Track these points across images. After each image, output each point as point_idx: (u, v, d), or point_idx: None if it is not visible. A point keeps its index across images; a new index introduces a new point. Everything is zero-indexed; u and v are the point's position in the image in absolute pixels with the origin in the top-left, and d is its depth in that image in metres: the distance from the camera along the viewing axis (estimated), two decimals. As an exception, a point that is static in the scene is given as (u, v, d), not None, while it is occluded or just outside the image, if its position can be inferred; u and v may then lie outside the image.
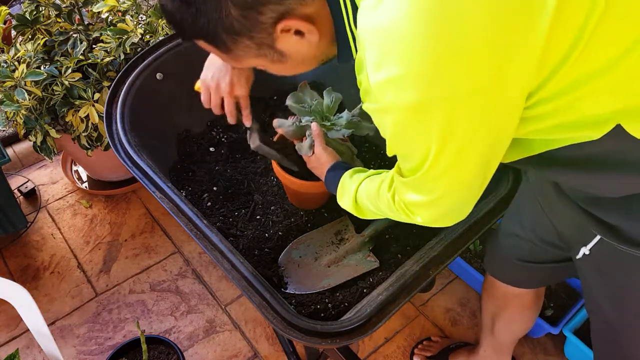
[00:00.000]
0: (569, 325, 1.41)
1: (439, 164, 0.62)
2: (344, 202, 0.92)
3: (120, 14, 1.55)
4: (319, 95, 1.09)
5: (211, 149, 1.32)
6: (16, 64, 1.44)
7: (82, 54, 1.46)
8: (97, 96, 1.45)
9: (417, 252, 0.97)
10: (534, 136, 0.65)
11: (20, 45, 1.48)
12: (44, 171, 2.03)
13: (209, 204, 1.20)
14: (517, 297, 1.14)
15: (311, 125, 1.04)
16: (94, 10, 1.53)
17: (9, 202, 1.65)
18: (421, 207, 0.73)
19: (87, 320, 1.59)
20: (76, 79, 1.43)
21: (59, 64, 1.46)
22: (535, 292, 1.14)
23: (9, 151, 2.04)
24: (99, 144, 1.55)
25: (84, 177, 1.99)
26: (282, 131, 1.09)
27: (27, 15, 1.49)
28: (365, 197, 0.85)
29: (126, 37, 1.47)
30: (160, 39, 1.35)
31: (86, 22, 1.58)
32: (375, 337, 1.55)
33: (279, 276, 1.09)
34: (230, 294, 1.66)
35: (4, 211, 1.65)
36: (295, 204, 1.21)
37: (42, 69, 1.42)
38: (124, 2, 1.52)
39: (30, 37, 1.51)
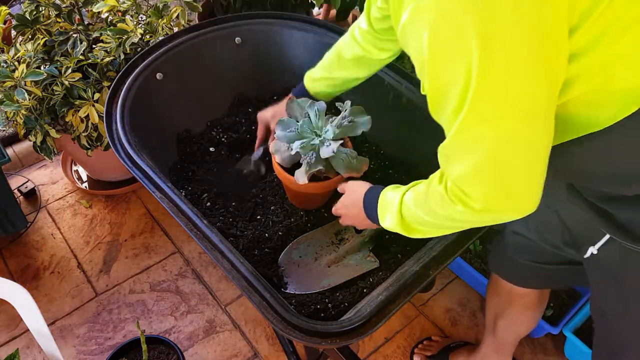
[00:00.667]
0: (569, 325, 1.41)
1: (483, 88, 0.56)
2: (387, 220, 0.83)
3: (120, 14, 1.55)
4: (312, 100, 1.09)
5: (211, 149, 1.32)
6: (16, 64, 1.44)
7: (82, 54, 1.46)
8: (97, 96, 1.45)
9: (417, 252, 0.97)
10: (570, 109, 0.63)
11: (20, 45, 1.48)
12: (44, 171, 2.03)
13: (209, 204, 1.20)
14: (521, 296, 1.13)
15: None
16: (94, 10, 1.53)
17: (9, 202, 1.65)
18: (474, 177, 0.64)
19: (87, 320, 1.59)
20: (76, 79, 1.43)
21: (59, 64, 1.46)
22: (539, 292, 1.14)
23: (9, 151, 2.04)
24: (99, 144, 1.55)
25: (84, 177, 1.99)
26: (278, 159, 1.09)
27: (27, 15, 1.49)
28: (413, 204, 0.78)
29: (126, 37, 1.47)
30: (160, 39, 1.35)
31: (86, 22, 1.58)
32: (375, 337, 1.55)
33: (279, 276, 1.09)
34: (230, 294, 1.66)
35: (4, 211, 1.65)
36: (295, 204, 1.21)
37: (42, 69, 1.42)
38: (124, 2, 1.52)
39: (30, 37, 1.51)
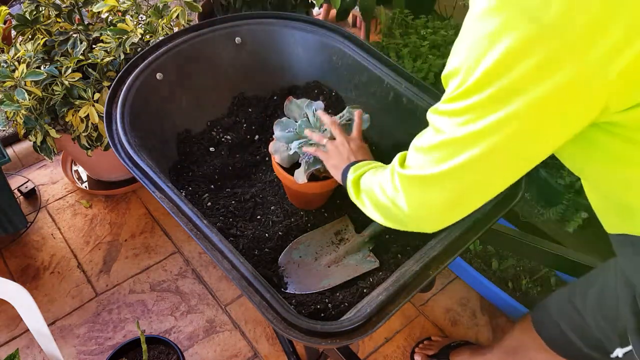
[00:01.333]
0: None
1: (483, 90, 0.54)
2: (349, 176, 0.87)
3: (120, 14, 1.55)
4: (310, 100, 1.09)
5: (211, 149, 1.32)
6: (16, 64, 1.44)
7: (82, 54, 1.46)
8: (97, 96, 1.45)
9: (417, 252, 0.97)
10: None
11: (20, 45, 1.48)
12: (44, 171, 2.03)
13: (209, 204, 1.20)
14: (547, 351, 1.06)
15: (306, 132, 1.03)
16: (94, 10, 1.52)
17: (9, 202, 1.65)
18: (418, 180, 0.64)
19: (87, 320, 1.59)
20: (76, 79, 1.43)
21: (59, 64, 1.46)
22: None
23: (9, 151, 2.03)
24: (99, 144, 1.55)
25: (84, 177, 1.99)
26: (277, 158, 1.09)
27: (27, 15, 1.49)
28: (371, 174, 0.80)
29: (126, 37, 1.47)
30: (160, 39, 1.35)
31: (86, 22, 1.58)
32: (375, 337, 1.55)
33: (279, 276, 1.09)
34: (230, 294, 1.66)
35: (4, 211, 1.65)
36: (295, 204, 1.21)
37: (42, 69, 1.42)
38: (124, 2, 1.52)
39: (30, 37, 1.51)
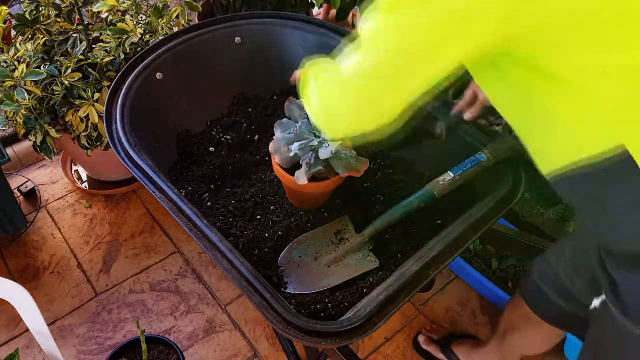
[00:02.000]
0: (569, 325, 1.41)
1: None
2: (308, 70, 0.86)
3: (120, 14, 1.55)
4: None
5: (211, 149, 1.32)
6: (16, 63, 1.44)
7: (82, 54, 1.46)
8: (97, 96, 1.45)
9: (417, 252, 0.97)
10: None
11: (20, 45, 1.48)
12: (44, 171, 2.03)
13: (209, 204, 1.20)
14: (537, 324, 1.09)
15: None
16: (94, 10, 1.53)
17: (9, 202, 1.65)
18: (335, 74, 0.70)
19: (87, 320, 1.59)
20: (76, 79, 1.43)
21: (59, 64, 1.46)
22: (555, 329, 1.09)
23: (9, 151, 2.03)
24: (99, 144, 1.55)
25: (84, 177, 1.99)
26: (278, 159, 1.09)
27: (27, 15, 1.49)
28: (322, 62, 0.82)
29: (126, 37, 1.47)
30: (160, 39, 1.35)
31: (86, 22, 1.58)
32: (375, 337, 1.55)
33: (279, 276, 1.09)
34: (230, 294, 1.66)
35: (4, 211, 1.65)
36: (295, 204, 1.21)
37: (42, 68, 1.42)
38: (124, 2, 1.52)
39: (30, 37, 1.51)
